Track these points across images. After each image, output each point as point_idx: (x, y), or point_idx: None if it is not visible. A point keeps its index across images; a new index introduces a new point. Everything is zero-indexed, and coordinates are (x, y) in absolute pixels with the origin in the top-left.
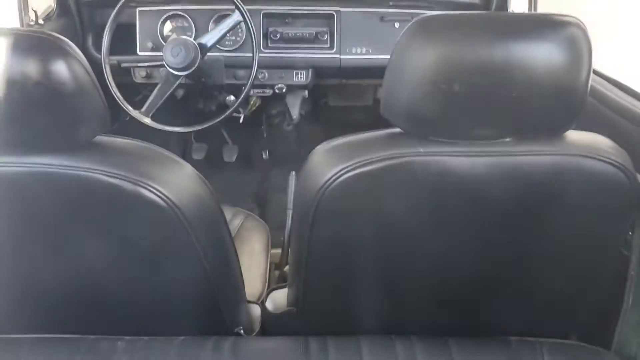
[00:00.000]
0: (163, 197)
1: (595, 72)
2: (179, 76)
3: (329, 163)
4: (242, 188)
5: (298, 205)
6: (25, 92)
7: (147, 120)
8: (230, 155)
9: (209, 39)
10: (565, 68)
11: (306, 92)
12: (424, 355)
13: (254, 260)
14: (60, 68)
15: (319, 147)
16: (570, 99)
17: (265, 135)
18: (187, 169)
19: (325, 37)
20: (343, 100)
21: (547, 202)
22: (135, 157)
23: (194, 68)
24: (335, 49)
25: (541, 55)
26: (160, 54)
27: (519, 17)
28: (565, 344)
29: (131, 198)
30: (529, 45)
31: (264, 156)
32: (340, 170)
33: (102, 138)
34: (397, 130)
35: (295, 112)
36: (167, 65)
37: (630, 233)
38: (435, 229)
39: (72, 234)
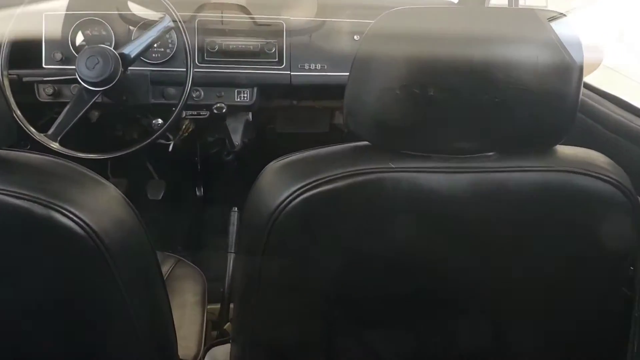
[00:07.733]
0: (80, 222)
1: (585, 85)
2: (95, 93)
3: (284, 182)
4: (170, 231)
5: (245, 238)
6: None
7: (55, 146)
8: (156, 191)
9: (132, 49)
10: (554, 70)
11: (250, 115)
12: None
13: (186, 315)
14: None
15: (270, 164)
16: (560, 107)
17: (199, 167)
18: (110, 190)
19: (273, 50)
20: (293, 126)
21: (536, 227)
22: (47, 175)
23: (114, 83)
24: (284, 64)
25: (525, 55)
26: (73, 67)
27: (500, 12)
28: None
29: (43, 223)
30: (511, 44)
31: (197, 193)
32: (297, 190)
33: (4, 152)
34: (364, 143)
35: (237, 139)
36: (81, 78)
37: (631, 268)
38: (408, 258)
39: None
